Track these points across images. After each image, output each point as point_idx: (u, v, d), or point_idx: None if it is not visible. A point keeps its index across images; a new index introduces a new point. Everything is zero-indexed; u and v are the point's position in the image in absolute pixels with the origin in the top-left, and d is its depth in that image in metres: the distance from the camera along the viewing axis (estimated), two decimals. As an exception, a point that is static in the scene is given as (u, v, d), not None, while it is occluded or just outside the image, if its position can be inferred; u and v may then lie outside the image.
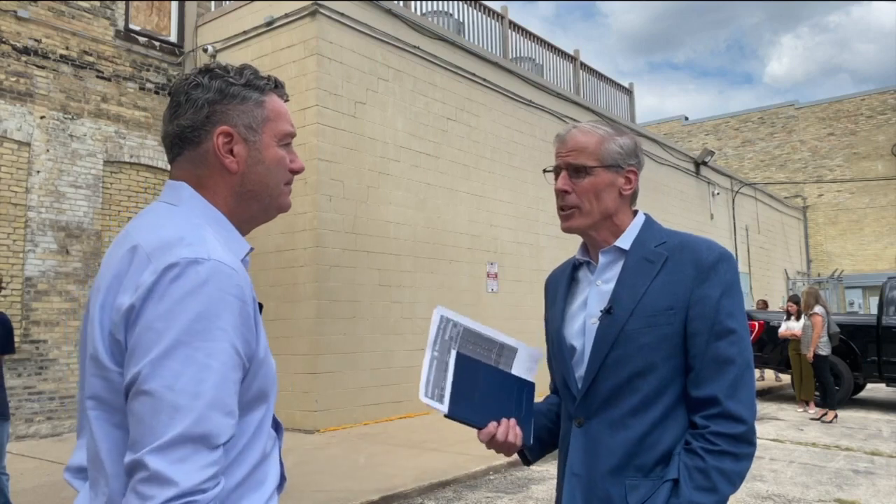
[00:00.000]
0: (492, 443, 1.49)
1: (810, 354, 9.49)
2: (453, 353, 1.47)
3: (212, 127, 1.15)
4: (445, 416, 1.44)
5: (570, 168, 1.50)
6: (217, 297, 1.00)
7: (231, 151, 1.16)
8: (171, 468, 0.92)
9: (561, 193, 1.52)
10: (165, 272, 0.99)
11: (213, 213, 1.16)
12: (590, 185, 1.49)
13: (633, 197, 1.55)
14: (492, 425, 1.48)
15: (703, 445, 1.35)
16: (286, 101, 1.26)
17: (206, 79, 1.17)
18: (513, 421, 1.51)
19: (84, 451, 1.12)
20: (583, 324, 1.50)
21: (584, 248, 1.59)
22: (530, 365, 1.58)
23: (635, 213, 1.57)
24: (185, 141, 1.17)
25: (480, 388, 1.49)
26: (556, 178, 1.54)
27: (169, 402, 0.94)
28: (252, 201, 1.20)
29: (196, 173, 1.17)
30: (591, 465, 1.43)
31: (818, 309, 9.60)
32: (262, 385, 1.10)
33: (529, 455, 1.61)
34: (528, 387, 1.57)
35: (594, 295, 1.50)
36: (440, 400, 1.43)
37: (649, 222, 1.54)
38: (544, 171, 1.63)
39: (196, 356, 0.96)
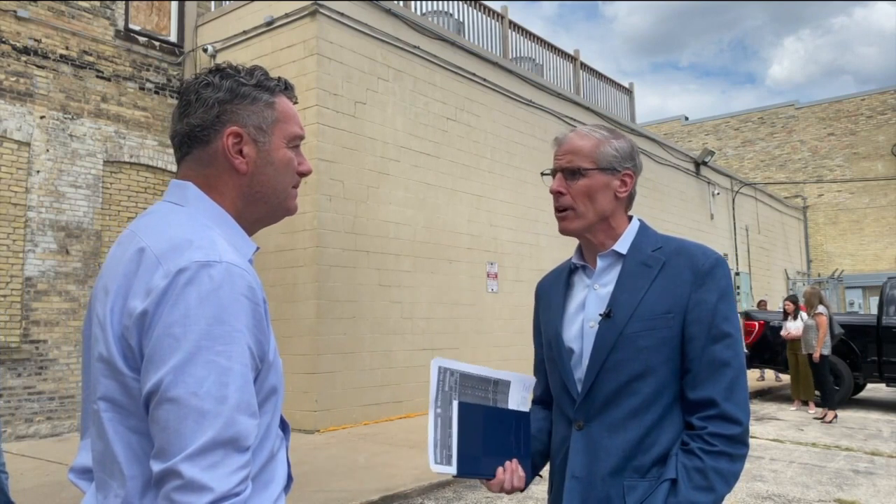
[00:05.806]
0: (500, 490, 1.52)
1: (817, 354, 9.44)
2: (455, 404, 1.49)
3: (222, 126, 1.14)
4: (455, 476, 1.47)
5: (566, 171, 1.52)
6: (231, 300, 0.99)
7: (241, 152, 1.15)
8: (205, 474, 0.92)
9: (556, 195, 1.53)
10: (178, 276, 0.98)
11: (219, 213, 1.15)
12: (584, 186, 1.50)
13: (630, 200, 1.57)
14: (499, 473, 1.51)
15: (701, 446, 1.37)
16: (295, 103, 1.25)
17: (217, 78, 1.16)
18: (515, 462, 1.53)
19: (89, 452, 1.11)
20: (581, 327, 1.51)
21: (580, 252, 1.60)
22: (524, 395, 1.61)
23: (630, 218, 1.58)
24: (194, 140, 1.16)
25: (484, 432, 1.51)
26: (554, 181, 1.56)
27: (195, 409, 0.93)
28: (260, 203, 1.19)
29: (204, 173, 1.16)
30: (592, 467, 1.44)
31: (821, 309, 9.59)
32: (272, 386, 1.10)
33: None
34: (525, 419, 1.59)
35: (592, 299, 1.52)
36: (448, 462, 1.46)
37: (644, 227, 1.57)
38: (542, 173, 1.65)
39: (217, 360, 0.96)
